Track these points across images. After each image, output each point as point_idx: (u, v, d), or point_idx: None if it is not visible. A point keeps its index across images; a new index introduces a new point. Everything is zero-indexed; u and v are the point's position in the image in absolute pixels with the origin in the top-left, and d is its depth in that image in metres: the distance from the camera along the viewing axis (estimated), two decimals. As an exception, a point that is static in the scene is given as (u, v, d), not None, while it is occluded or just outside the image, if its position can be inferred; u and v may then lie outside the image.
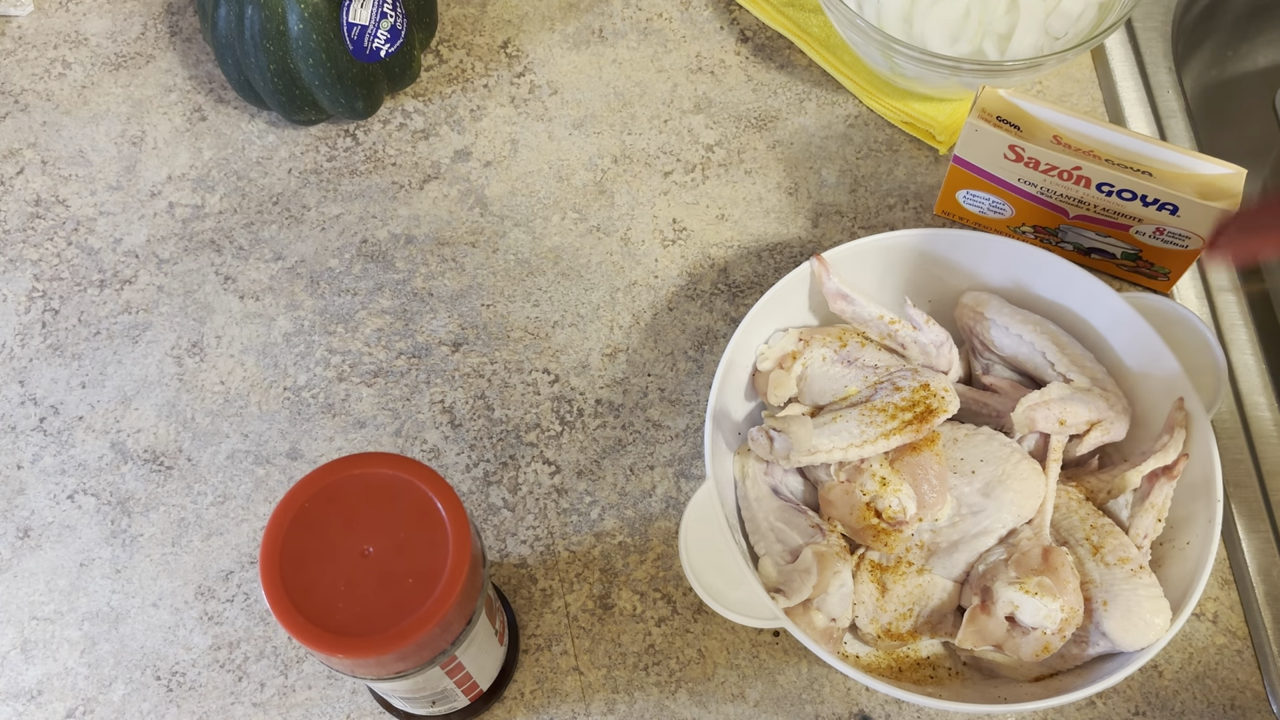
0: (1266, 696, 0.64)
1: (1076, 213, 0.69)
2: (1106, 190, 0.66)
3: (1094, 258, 0.73)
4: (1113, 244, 0.70)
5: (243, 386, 0.71)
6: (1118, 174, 0.66)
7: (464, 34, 0.83)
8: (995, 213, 0.73)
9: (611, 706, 0.63)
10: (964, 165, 0.70)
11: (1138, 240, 0.69)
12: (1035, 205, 0.70)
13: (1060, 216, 0.70)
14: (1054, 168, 0.67)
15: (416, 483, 0.48)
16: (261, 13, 0.70)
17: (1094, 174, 0.66)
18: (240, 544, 0.67)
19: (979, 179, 0.70)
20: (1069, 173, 0.66)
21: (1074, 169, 0.66)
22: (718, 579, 0.57)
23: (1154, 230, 0.68)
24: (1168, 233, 0.68)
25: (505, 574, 0.67)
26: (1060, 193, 0.68)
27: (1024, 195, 0.70)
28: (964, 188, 0.72)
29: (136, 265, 0.75)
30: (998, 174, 0.69)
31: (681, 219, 0.76)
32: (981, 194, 0.72)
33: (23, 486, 0.68)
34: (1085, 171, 0.66)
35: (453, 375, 0.71)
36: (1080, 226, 0.70)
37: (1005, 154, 0.68)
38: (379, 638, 0.46)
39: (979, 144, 0.68)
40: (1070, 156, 0.66)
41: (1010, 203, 0.71)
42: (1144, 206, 0.66)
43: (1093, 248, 0.72)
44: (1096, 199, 0.67)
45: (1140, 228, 0.68)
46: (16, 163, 0.78)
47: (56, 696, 0.63)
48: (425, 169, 0.78)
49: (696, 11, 0.84)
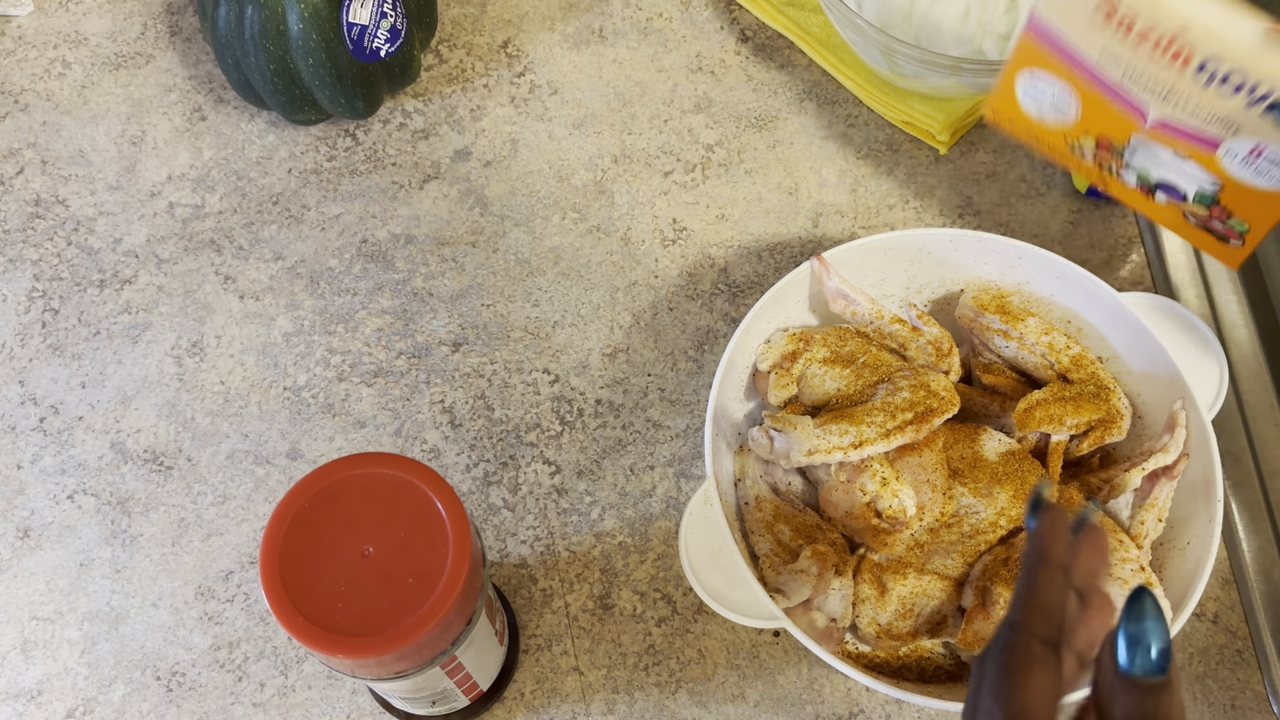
0: (1267, 696, 0.64)
1: (1158, 115, 0.55)
2: (1209, 77, 0.52)
3: (1159, 200, 0.59)
4: (1189, 173, 0.57)
5: (243, 386, 0.71)
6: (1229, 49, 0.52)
7: (464, 34, 0.83)
8: (1057, 112, 0.59)
9: (611, 707, 0.63)
10: (1039, 32, 0.57)
11: (1223, 171, 0.55)
12: (1109, 101, 0.57)
13: (1135, 122, 0.56)
14: (1151, 32, 0.53)
15: (416, 483, 0.48)
16: (261, 12, 0.70)
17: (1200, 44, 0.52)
18: (240, 544, 0.67)
19: (1050, 55, 0.57)
20: (1168, 42, 0.53)
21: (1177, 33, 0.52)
22: (718, 579, 0.57)
23: (1251, 151, 0.54)
24: (1266, 155, 0.54)
25: (505, 574, 0.67)
26: (1148, 77, 0.54)
27: (1100, 83, 0.56)
28: (1030, 66, 0.58)
29: (136, 265, 0.74)
30: (1077, 47, 0.56)
31: (682, 219, 0.76)
32: (1047, 79, 0.58)
33: (23, 486, 0.68)
34: (1191, 38, 0.52)
35: (453, 375, 0.71)
36: (1156, 140, 0.56)
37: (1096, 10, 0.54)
38: (379, 638, 0.46)
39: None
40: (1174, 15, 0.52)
41: (1079, 96, 0.57)
42: (1249, 106, 0.52)
43: (1162, 182, 0.58)
44: (1191, 90, 0.53)
45: (1234, 144, 0.54)
46: (16, 162, 0.78)
47: (56, 696, 0.63)
48: (425, 169, 0.78)
49: (696, 11, 0.84)
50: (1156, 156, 0.57)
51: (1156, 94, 0.55)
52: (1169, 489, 0.61)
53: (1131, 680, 0.36)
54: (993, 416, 0.66)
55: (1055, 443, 0.63)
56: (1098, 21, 0.54)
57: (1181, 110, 0.54)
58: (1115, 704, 0.36)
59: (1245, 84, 0.52)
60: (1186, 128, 0.55)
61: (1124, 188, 0.59)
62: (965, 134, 0.79)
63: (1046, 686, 0.37)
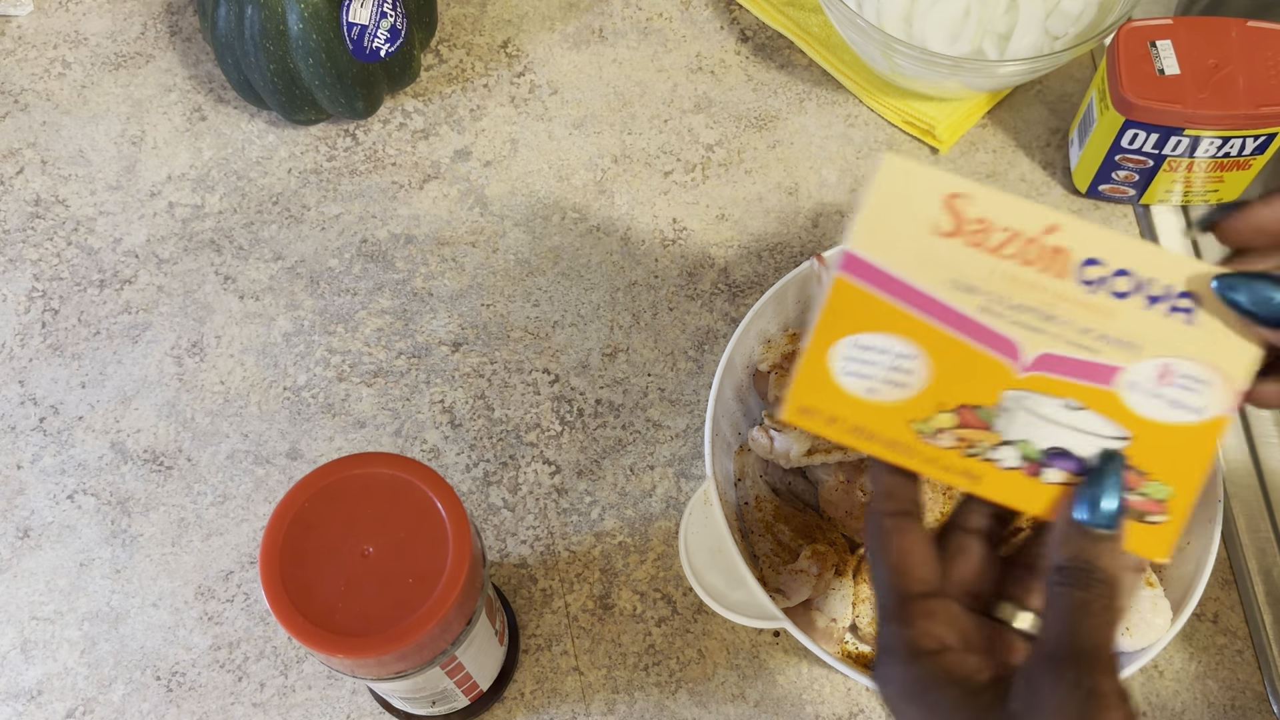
0: (1267, 697, 0.64)
1: (1041, 350, 0.41)
2: (1094, 279, 0.40)
3: (1050, 479, 0.41)
4: (1087, 430, 0.41)
5: (242, 386, 0.71)
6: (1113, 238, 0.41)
7: (464, 34, 0.83)
8: (895, 385, 0.41)
9: (612, 707, 0.63)
10: (859, 274, 0.41)
11: (1129, 412, 0.41)
12: (970, 347, 0.41)
13: (1007, 369, 0.41)
14: (1016, 234, 0.40)
15: (416, 483, 0.48)
16: (261, 12, 0.70)
17: (1078, 239, 0.40)
18: (240, 544, 0.67)
19: (879, 303, 0.41)
20: (1038, 244, 0.40)
21: (1048, 229, 0.40)
22: (718, 579, 0.57)
23: (1160, 374, 0.41)
24: (1179, 376, 0.41)
25: (505, 574, 0.67)
26: (1017, 300, 0.40)
27: (955, 323, 0.41)
28: (849, 330, 0.41)
29: (136, 265, 0.74)
30: (915, 281, 0.41)
31: (681, 219, 0.76)
32: (877, 341, 0.41)
33: (22, 486, 0.68)
34: (1065, 235, 0.40)
35: (453, 375, 0.71)
36: (1037, 389, 0.41)
37: (937, 220, 0.40)
38: (379, 638, 0.46)
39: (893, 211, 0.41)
40: (1042, 208, 0.41)
41: (926, 351, 0.41)
42: (1145, 309, 0.40)
43: (1053, 450, 0.41)
44: (1074, 305, 0.40)
45: (1134, 372, 0.41)
46: (16, 162, 0.78)
47: (56, 697, 0.63)
48: (425, 169, 0.78)
49: (696, 11, 0.84)
50: (1040, 416, 0.41)
51: (1031, 322, 0.41)
52: (1169, 489, 0.61)
53: (1082, 528, 0.39)
54: (993, 417, 0.66)
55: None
56: (946, 228, 0.40)
57: (1066, 338, 0.41)
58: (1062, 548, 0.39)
59: (1140, 280, 0.40)
60: (1075, 360, 0.41)
61: (1002, 478, 0.41)
62: (965, 133, 0.79)
63: (908, 544, 0.41)
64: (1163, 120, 0.69)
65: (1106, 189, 0.76)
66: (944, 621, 0.40)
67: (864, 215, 0.40)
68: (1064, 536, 0.39)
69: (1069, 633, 0.38)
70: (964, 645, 0.40)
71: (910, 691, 0.39)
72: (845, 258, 0.41)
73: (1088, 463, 0.41)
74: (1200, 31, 0.69)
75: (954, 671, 0.39)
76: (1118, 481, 0.40)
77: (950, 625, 0.40)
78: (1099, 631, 0.38)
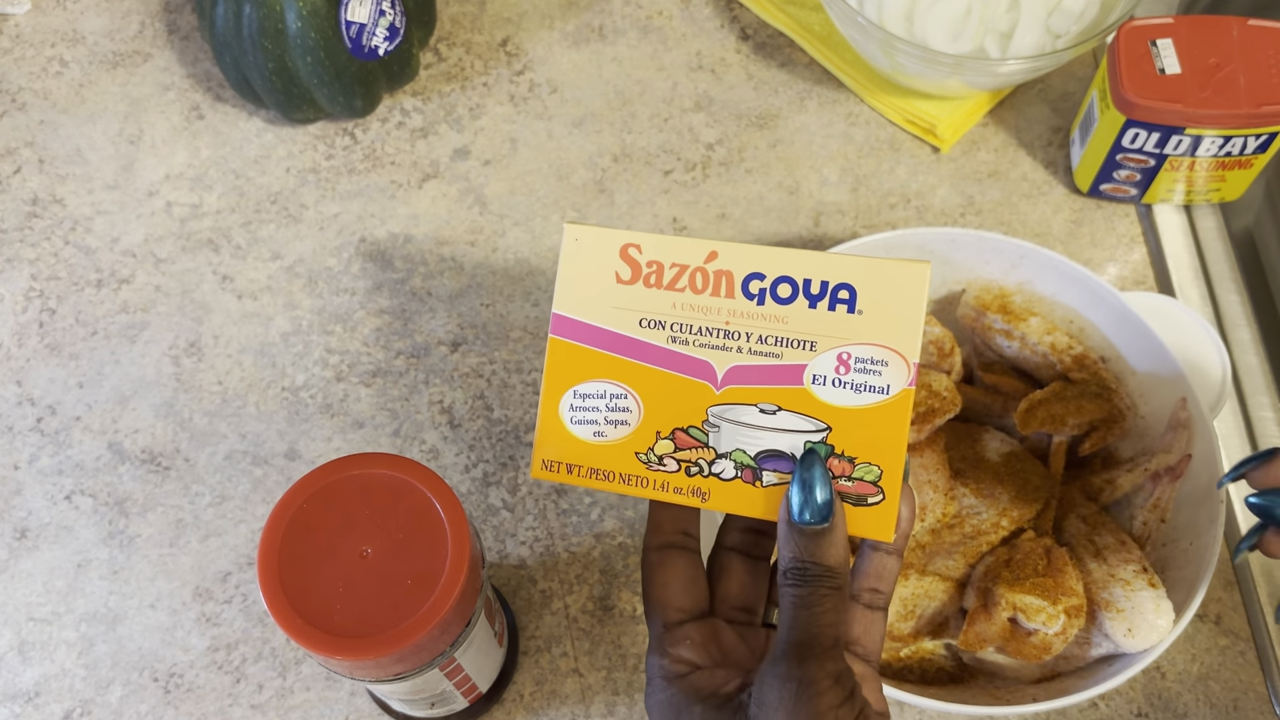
0: (1269, 698, 0.64)
1: (729, 365, 0.44)
2: (757, 292, 0.44)
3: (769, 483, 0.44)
4: (788, 429, 0.44)
5: (240, 386, 0.71)
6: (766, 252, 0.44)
7: (463, 32, 0.82)
8: (618, 423, 0.45)
9: (612, 708, 0.63)
10: (565, 332, 0.45)
11: (820, 403, 0.44)
12: (671, 376, 0.45)
13: (705, 387, 0.44)
14: (684, 267, 0.44)
15: (415, 483, 0.48)
16: (260, 11, 0.70)
17: (735, 260, 0.44)
18: (238, 545, 0.67)
19: (586, 354, 0.45)
20: (704, 272, 0.44)
21: (709, 257, 0.44)
22: (718, 580, 0.57)
23: (837, 363, 0.44)
24: (855, 360, 0.44)
25: (504, 575, 0.66)
26: (698, 326, 0.44)
27: (651, 357, 0.45)
28: (569, 384, 0.45)
29: (134, 264, 0.74)
30: (610, 327, 0.45)
31: (682, 218, 0.76)
32: (593, 387, 0.45)
33: (20, 487, 0.68)
34: (724, 260, 0.44)
35: (452, 375, 0.71)
36: (736, 402, 0.44)
37: (617, 270, 0.45)
38: (377, 639, 0.46)
39: (582, 269, 0.45)
40: (700, 241, 0.45)
41: (635, 389, 0.45)
42: (810, 308, 0.44)
43: (763, 453, 0.44)
44: (749, 318, 0.44)
45: (816, 366, 0.44)
46: (14, 162, 0.77)
47: (54, 698, 0.63)
48: (424, 168, 0.78)
49: (697, 9, 0.83)
50: (744, 424, 0.44)
51: (715, 342, 0.44)
52: (1171, 490, 0.61)
53: (797, 527, 0.41)
54: (995, 417, 0.66)
55: (1057, 443, 0.63)
56: (624, 276, 0.45)
57: (748, 349, 0.44)
58: (785, 549, 0.41)
59: (798, 284, 0.44)
60: (761, 367, 0.44)
61: (727, 490, 0.44)
62: (967, 132, 0.79)
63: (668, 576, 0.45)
64: (1164, 119, 0.68)
65: (1108, 188, 0.75)
66: (697, 644, 0.43)
67: (561, 280, 0.45)
68: (784, 538, 0.41)
69: (789, 628, 0.40)
70: (717, 662, 0.43)
71: (666, 714, 0.42)
72: (553, 319, 0.45)
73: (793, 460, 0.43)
74: (1201, 30, 0.69)
75: (701, 689, 0.42)
76: (822, 474, 0.42)
77: (703, 646, 0.43)
78: (815, 621, 0.40)
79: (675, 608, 0.44)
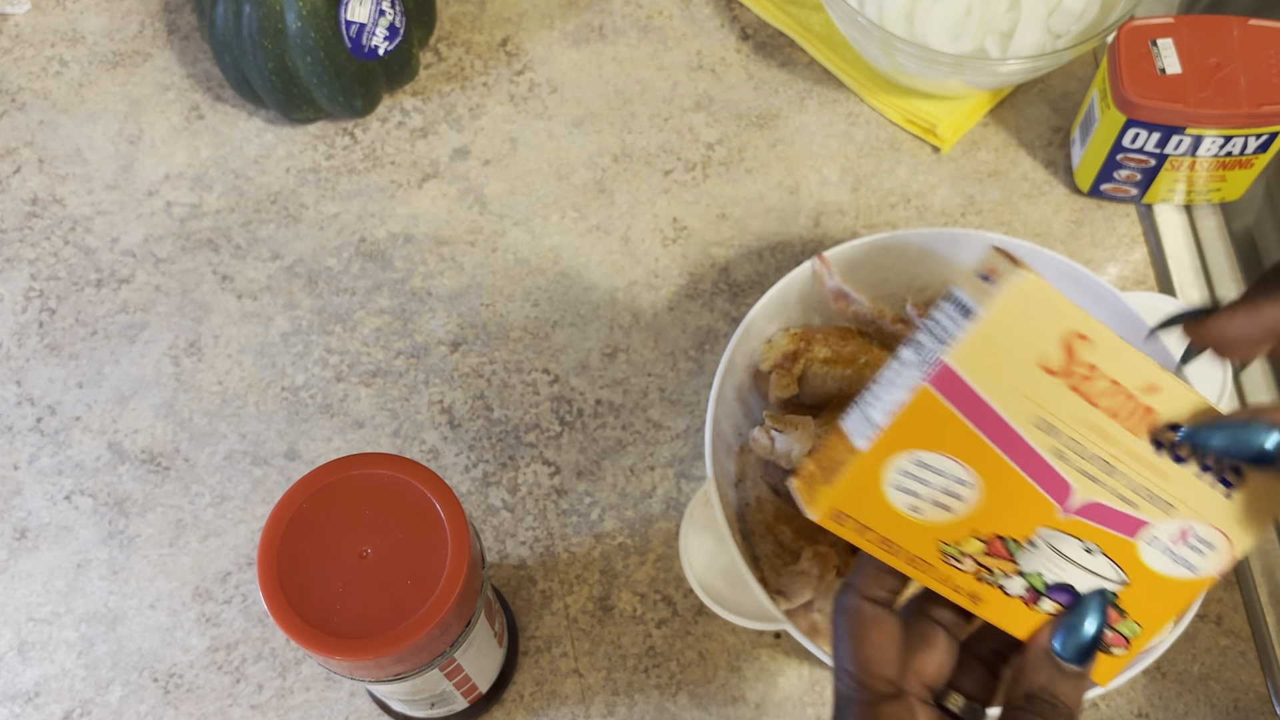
0: (1270, 698, 0.64)
1: (1090, 499, 0.40)
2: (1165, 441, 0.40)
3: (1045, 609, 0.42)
4: (1094, 571, 0.42)
5: (240, 386, 0.71)
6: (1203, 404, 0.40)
7: (463, 31, 0.82)
8: (942, 507, 0.40)
9: (611, 709, 0.63)
10: (948, 392, 0.39)
11: (1139, 562, 0.42)
12: (1026, 484, 0.40)
13: (1051, 510, 0.40)
14: (1118, 387, 0.39)
15: (415, 483, 0.48)
16: (259, 10, 0.70)
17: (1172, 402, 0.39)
18: (238, 545, 0.67)
19: (953, 426, 0.39)
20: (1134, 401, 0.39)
21: (1147, 389, 0.39)
22: (718, 581, 0.57)
23: (1179, 535, 0.41)
24: (1192, 537, 0.41)
25: (504, 575, 0.66)
26: (1089, 448, 0.40)
27: (1023, 459, 0.40)
28: (914, 446, 0.39)
29: (134, 264, 0.74)
30: (1004, 410, 0.39)
31: (682, 218, 0.76)
32: (939, 462, 0.40)
33: (19, 487, 0.68)
34: (1161, 398, 0.39)
35: (452, 375, 0.71)
36: (1068, 532, 0.41)
37: (1047, 354, 0.38)
38: (377, 640, 0.46)
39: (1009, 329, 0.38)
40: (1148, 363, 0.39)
41: (983, 481, 0.40)
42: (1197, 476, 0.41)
43: (1057, 585, 0.42)
44: (1137, 461, 0.40)
45: (1161, 529, 0.41)
46: (13, 161, 0.77)
47: (54, 698, 0.63)
48: (424, 167, 0.78)
49: (697, 9, 0.83)
50: (1060, 554, 0.41)
51: (1093, 471, 0.40)
52: (1173, 490, 0.60)
53: (1056, 660, 0.41)
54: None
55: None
56: (1044, 374, 0.39)
57: (1118, 492, 0.41)
58: (1035, 674, 0.41)
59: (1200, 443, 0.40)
60: (1116, 512, 0.41)
61: (1003, 603, 0.42)
62: (967, 132, 0.79)
63: (883, 640, 0.41)
64: (1164, 119, 0.68)
65: (1109, 188, 0.75)
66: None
67: (977, 331, 0.38)
68: (1037, 664, 0.41)
69: None
70: None
71: None
72: (940, 371, 0.38)
73: (1079, 596, 0.42)
74: (1201, 30, 0.69)
75: None
76: (1100, 619, 0.41)
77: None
78: None
79: (883, 678, 0.41)
